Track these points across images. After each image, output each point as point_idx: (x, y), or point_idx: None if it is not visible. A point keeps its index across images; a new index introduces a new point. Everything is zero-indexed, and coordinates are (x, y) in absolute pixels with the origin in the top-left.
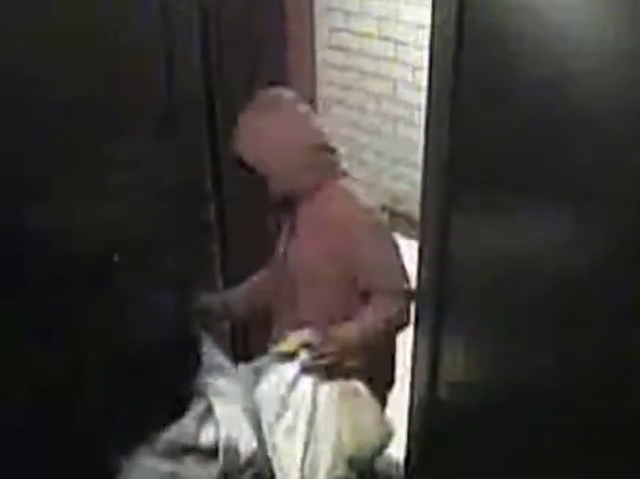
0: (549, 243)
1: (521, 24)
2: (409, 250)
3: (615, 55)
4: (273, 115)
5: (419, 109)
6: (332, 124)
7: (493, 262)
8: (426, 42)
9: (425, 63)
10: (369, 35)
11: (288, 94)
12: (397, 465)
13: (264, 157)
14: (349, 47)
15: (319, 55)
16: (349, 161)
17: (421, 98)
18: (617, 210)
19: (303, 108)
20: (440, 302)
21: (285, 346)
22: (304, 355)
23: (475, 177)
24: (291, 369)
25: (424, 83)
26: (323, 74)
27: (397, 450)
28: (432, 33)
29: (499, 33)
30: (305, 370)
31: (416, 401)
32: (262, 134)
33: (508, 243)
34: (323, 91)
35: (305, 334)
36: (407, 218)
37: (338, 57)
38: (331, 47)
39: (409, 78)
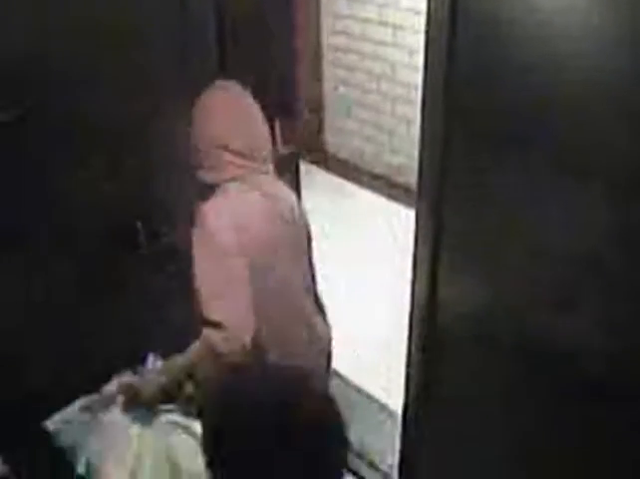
0: (539, 214)
1: (512, 10)
2: (407, 219)
3: (599, 39)
4: (201, 106)
5: (416, 88)
6: (339, 105)
7: (487, 232)
8: (422, 27)
9: (421, 46)
10: (370, 21)
11: (228, 90)
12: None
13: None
14: (352, 32)
15: (325, 39)
16: (353, 136)
17: (418, 78)
18: (600, 184)
19: (234, 107)
20: (435, 268)
21: (109, 387)
22: (120, 397)
23: (468, 152)
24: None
25: (420, 65)
26: (329, 56)
27: (395, 402)
28: (428, 18)
29: (491, 19)
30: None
31: (414, 354)
32: (192, 121)
33: (501, 215)
34: (329, 72)
35: (124, 377)
36: (406, 189)
37: (342, 41)
38: (335, 32)
39: (406, 60)
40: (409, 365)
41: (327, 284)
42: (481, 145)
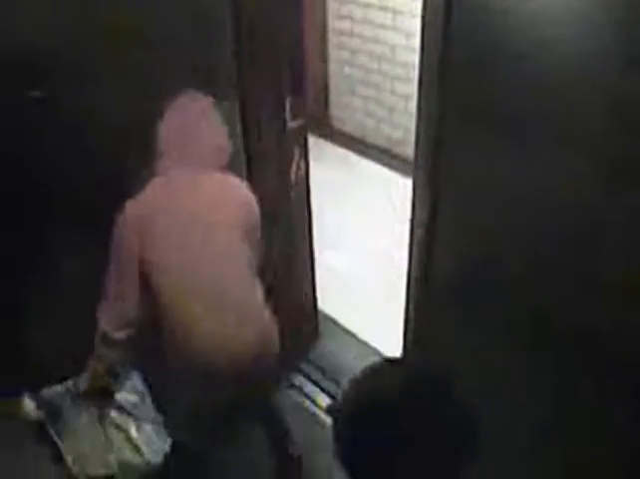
0: (530, 185)
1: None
2: (404, 187)
3: (582, 25)
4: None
5: (413, 68)
6: (343, 83)
7: (481, 200)
8: (419, 11)
9: (418, 30)
10: (371, 6)
11: (180, 101)
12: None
13: None
14: (355, 16)
15: (330, 24)
16: (357, 111)
17: (415, 59)
18: (585, 159)
19: (173, 115)
20: (431, 231)
21: None
22: None
23: (461, 127)
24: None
25: (417, 46)
26: (334, 39)
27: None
28: (424, 4)
29: (484, 6)
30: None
31: (411, 309)
32: None
33: (494, 185)
34: (335, 54)
35: None
36: (403, 159)
37: (346, 25)
38: (340, 16)
39: (404, 42)
40: (407, 320)
41: (332, 244)
42: (474, 121)
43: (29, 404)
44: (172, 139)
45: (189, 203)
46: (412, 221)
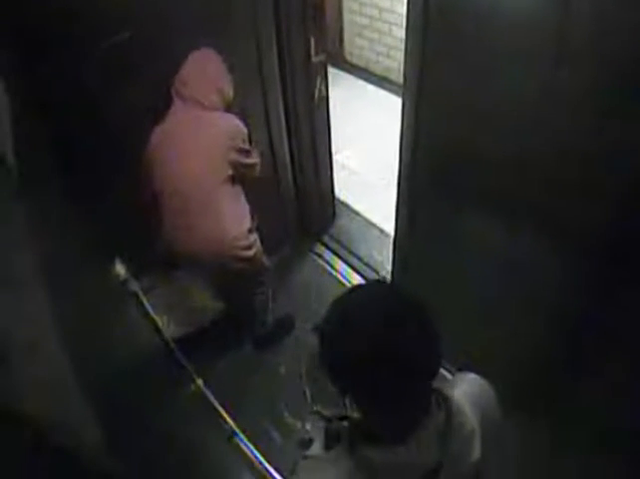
0: (489, 90)
1: None
2: (397, 105)
3: None
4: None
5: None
6: (354, 28)
7: (449, 106)
8: None
9: None
10: None
11: (197, 54)
12: (390, 236)
13: None
14: None
15: None
16: (364, 49)
17: None
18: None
19: (189, 64)
20: (416, 140)
21: None
22: None
23: (437, 57)
24: None
25: None
26: None
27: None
28: None
29: None
30: None
31: (402, 192)
32: None
33: (460, 95)
34: (348, 5)
35: None
36: (397, 84)
37: None
38: None
39: None
40: (398, 202)
41: (345, 146)
42: (447, 55)
43: (120, 267)
44: (184, 83)
45: (183, 132)
46: (402, 127)
